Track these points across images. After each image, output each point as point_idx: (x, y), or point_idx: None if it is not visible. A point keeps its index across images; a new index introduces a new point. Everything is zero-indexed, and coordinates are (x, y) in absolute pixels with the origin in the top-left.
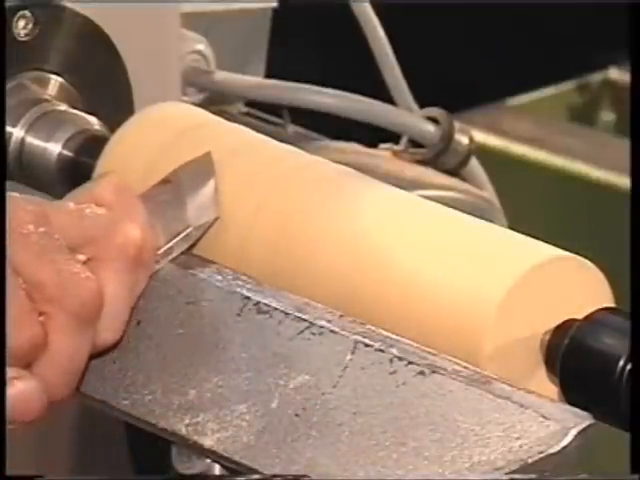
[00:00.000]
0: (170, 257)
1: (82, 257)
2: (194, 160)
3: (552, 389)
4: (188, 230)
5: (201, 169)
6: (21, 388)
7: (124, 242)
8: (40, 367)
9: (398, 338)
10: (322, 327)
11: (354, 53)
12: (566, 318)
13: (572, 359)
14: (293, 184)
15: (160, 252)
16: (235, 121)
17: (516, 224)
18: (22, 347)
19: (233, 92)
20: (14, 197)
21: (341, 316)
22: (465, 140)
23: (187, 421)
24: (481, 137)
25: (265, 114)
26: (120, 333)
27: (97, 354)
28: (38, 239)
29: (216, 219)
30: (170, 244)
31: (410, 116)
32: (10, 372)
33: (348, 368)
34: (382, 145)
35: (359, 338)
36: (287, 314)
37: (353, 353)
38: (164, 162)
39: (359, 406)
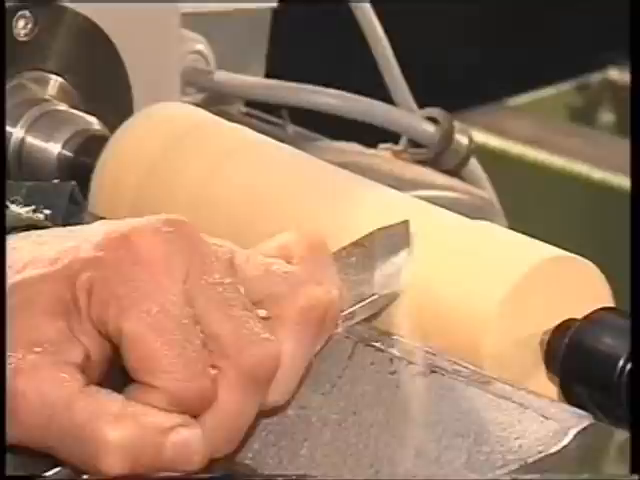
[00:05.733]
0: (351, 322)
1: (263, 313)
2: (390, 227)
3: (552, 389)
4: (373, 297)
5: (396, 237)
6: (186, 436)
7: (309, 305)
8: (204, 421)
9: (398, 338)
10: None
11: (354, 53)
12: (566, 318)
13: (572, 359)
14: (292, 185)
15: (342, 315)
16: (235, 121)
17: (516, 224)
18: (190, 397)
19: (233, 92)
20: (205, 240)
21: None
22: (465, 140)
23: None
24: (481, 137)
25: (265, 114)
26: (290, 396)
27: (262, 414)
28: (223, 290)
29: (402, 291)
30: (353, 308)
31: (410, 116)
32: (176, 419)
33: (348, 368)
34: (382, 145)
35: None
36: None
37: (353, 353)
38: (164, 162)
39: (359, 406)
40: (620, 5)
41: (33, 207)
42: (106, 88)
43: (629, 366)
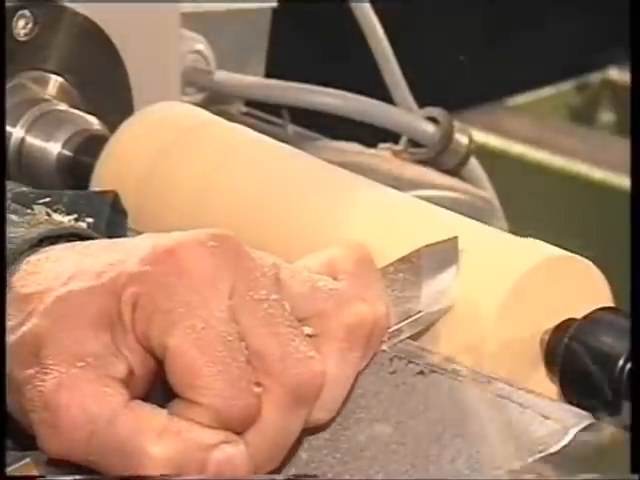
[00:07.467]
0: (397, 339)
1: (309, 330)
2: (439, 243)
3: (552, 389)
4: (420, 314)
5: (445, 254)
6: (230, 453)
7: (354, 323)
8: (248, 438)
9: (398, 337)
10: None
11: (354, 53)
12: (566, 318)
13: (572, 359)
14: (292, 185)
15: (388, 332)
16: (235, 121)
17: (516, 224)
18: (235, 414)
19: (233, 92)
20: (250, 255)
21: None
22: (465, 140)
23: None
24: (481, 137)
25: (265, 114)
26: (334, 413)
27: (307, 432)
28: (268, 307)
29: (450, 308)
30: (399, 325)
31: (410, 116)
32: (219, 435)
33: None
34: (382, 145)
35: None
36: None
37: None
38: (164, 162)
39: (358, 406)
40: (620, 5)
41: (75, 216)
42: (106, 88)
43: (629, 366)
